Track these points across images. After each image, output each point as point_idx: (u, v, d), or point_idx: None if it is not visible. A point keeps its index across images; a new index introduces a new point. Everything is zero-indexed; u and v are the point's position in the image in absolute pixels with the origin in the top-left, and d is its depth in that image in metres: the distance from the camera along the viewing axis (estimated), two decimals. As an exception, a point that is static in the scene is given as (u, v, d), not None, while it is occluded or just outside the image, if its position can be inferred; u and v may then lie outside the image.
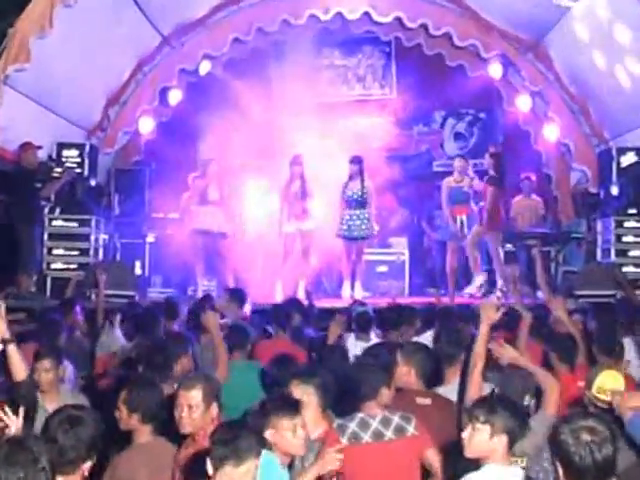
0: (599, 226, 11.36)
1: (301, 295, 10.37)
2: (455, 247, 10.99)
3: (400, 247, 12.29)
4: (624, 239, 10.86)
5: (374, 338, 7.02)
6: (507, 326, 6.46)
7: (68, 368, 6.07)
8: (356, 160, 10.75)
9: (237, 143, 11.90)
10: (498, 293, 10.50)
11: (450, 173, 11.57)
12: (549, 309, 6.87)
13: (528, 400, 4.45)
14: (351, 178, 10.75)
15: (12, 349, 4.38)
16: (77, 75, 10.49)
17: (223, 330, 6.38)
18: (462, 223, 10.94)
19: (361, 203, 10.71)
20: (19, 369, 4.41)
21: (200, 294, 10.26)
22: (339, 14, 12.02)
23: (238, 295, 8.15)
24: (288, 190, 10.72)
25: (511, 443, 3.62)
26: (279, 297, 10.40)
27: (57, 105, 10.90)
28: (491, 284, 11.07)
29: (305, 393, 4.33)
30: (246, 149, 11.92)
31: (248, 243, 11.60)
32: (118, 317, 7.44)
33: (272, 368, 5.37)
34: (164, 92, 12.29)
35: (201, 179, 10.98)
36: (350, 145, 11.61)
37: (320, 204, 11.00)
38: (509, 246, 11.87)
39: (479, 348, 4.61)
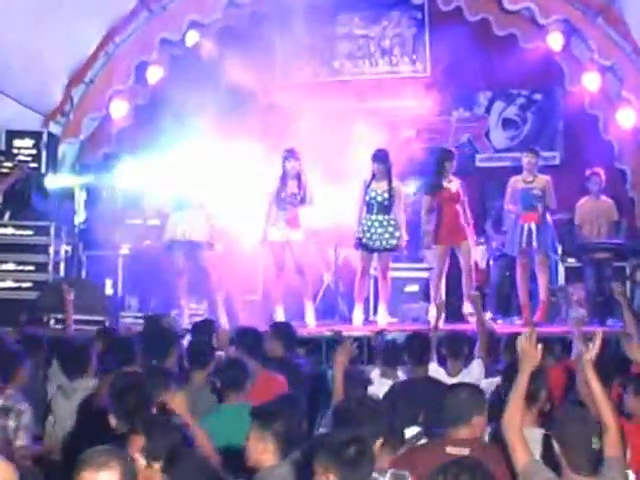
0: (688, 235, 11.28)
1: (310, 321, 10.50)
2: (526, 263, 10.83)
3: (435, 261, 11.77)
4: None
5: (401, 375, 7.06)
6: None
7: (26, 413, 6.05)
8: (379, 157, 10.53)
9: (232, 131, 11.66)
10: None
11: (498, 169, 11.88)
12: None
13: (596, 443, 4.30)
14: (375, 177, 10.57)
15: None
16: (30, 47, 10.41)
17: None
18: (530, 232, 10.68)
19: (386, 207, 10.55)
20: None
21: (186, 319, 10.31)
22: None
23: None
24: (279, 192, 10.56)
25: None
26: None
27: (6, 84, 10.88)
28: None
29: (261, 440, 4.51)
30: (243, 138, 11.71)
31: (244, 255, 11.42)
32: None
33: None
34: (141, 68, 12.25)
35: None
36: (372, 135, 11.44)
37: (338, 207, 10.93)
38: (572, 260, 11.70)
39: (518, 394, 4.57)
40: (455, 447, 4.69)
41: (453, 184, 10.76)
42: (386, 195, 10.50)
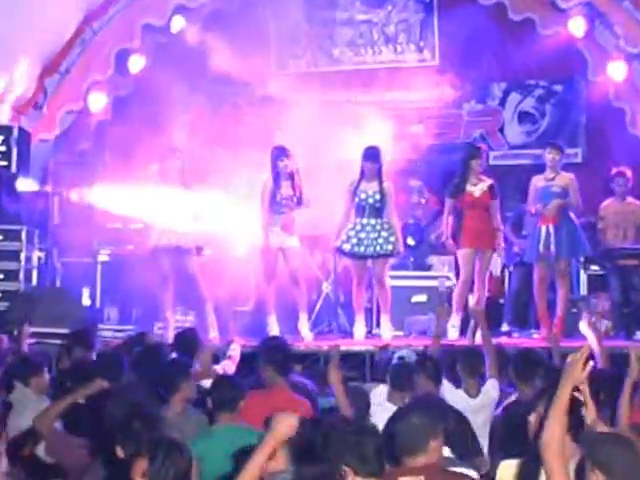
0: None
1: (306, 334, 10.47)
2: (545, 270, 10.64)
3: (444, 269, 11.97)
4: None
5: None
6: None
7: None
8: (372, 155, 10.43)
9: (222, 126, 11.95)
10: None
11: (514, 167, 12.01)
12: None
13: None
14: (364, 177, 10.49)
15: None
16: (-1, 32, 10.47)
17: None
18: (548, 234, 10.53)
19: (378, 210, 10.48)
20: None
21: (172, 333, 10.16)
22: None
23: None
24: (273, 195, 10.47)
25: None
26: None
27: (-29, 74, 10.84)
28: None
29: None
30: (234, 134, 12.04)
31: (236, 261, 11.43)
32: None
33: None
34: (122, 57, 12.26)
35: (162, 177, 10.56)
36: (375, 129, 11.43)
37: (338, 209, 10.83)
38: (595, 268, 11.66)
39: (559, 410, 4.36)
40: (408, 476, 4.62)
41: (480, 187, 10.51)
42: (378, 197, 10.41)
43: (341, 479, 4.32)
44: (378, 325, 10.92)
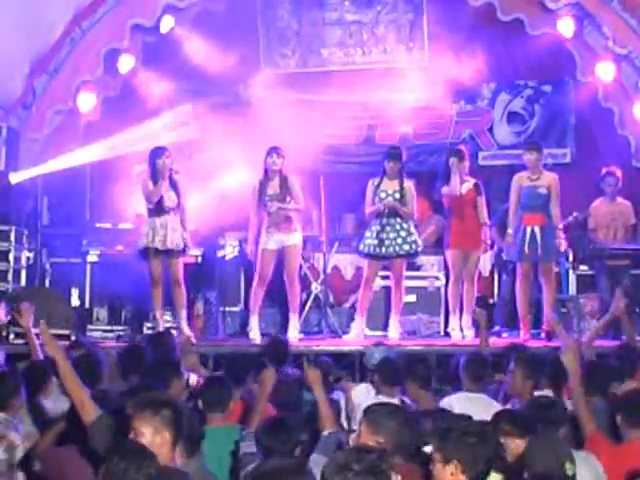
0: None
1: (294, 335, 10.40)
2: (528, 270, 10.67)
3: (434, 269, 11.98)
4: None
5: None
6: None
7: (20, 448, 5.52)
8: (395, 155, 10.62)
9: (211, 125, 11.93)
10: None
11: (503, 168, 11.86)
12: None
13: (571, 469, 4.40)
14: (386, 175, 10.58)
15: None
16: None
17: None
18: (534, 235, 10.54)
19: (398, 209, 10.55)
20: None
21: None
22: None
23: None
24: (264, 192, 10.46)
25: None
26: (255, 337, 10.41)
27: (-41, 73, 10.81)
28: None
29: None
30: (224, 133, 11.88)
31: (228, 262, 11.59)
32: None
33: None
34: (111, 57, 12.05)
35: (151, 178, 10.48)
36: (365, 130, 12.16)
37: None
38: (584, 268, 11.65)
39: None
40: None
41: (465, 185, 10.61)
42: (397, 195, 10.48)
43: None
44: (386, 327, 10.91)
